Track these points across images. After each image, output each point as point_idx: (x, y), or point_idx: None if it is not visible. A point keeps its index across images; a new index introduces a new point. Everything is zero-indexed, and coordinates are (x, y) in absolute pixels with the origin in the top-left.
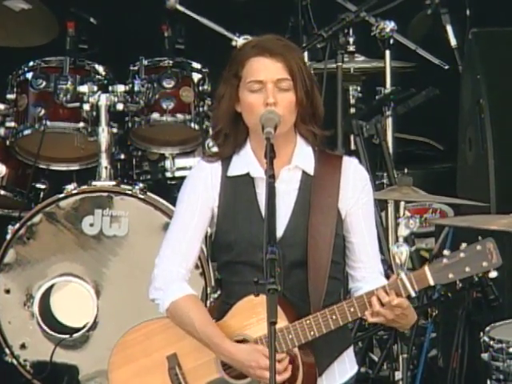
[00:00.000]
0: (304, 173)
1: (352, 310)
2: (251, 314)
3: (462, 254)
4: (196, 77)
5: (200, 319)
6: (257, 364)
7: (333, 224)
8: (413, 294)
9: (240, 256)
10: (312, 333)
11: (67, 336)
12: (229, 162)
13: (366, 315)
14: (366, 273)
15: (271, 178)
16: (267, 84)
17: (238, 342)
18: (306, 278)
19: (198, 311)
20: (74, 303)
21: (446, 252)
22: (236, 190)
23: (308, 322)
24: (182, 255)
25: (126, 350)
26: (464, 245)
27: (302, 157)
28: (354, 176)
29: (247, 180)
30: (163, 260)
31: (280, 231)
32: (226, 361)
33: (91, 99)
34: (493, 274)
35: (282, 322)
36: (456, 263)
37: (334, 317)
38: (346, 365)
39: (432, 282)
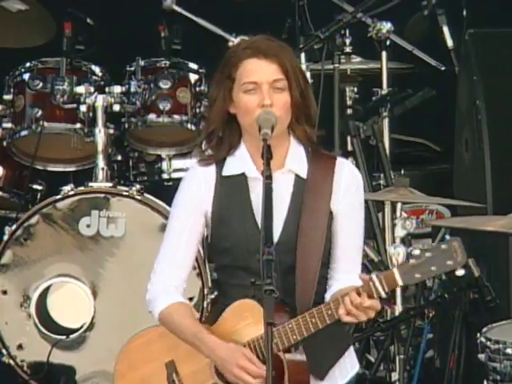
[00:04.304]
0: (297, 176)
1: (329, 312)
2: (239, 320)
3: (427, 254)
4: (193, 77)
5: (183, 321)
6: (236, 363)
7: (324, 227)
8: (383, 295)
9: (236, 261)
10: (294, 336)
11: (64, 337)
12: (223, 163)
13: (339, 315)
14: (342, 274)
15: (268, 178)
16: (262, 85)
17: None
18: (294, 282)
19: (181, 314)
20: (70, 304)
21: (414, 252)
22: (230, 191)
23: (290, 325)
24: (175, 268)
25: (129, 357)
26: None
27: (295, 160)
28: (346, 178)
29: (241, 181)
30: (155, 275)
31: (276, 237)
32: (209, 357)
33: (88, 100)
34: (460, 273)
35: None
36: (422, 263)
37: (313, 320)
38: (347, 365)
39: (400, 283)
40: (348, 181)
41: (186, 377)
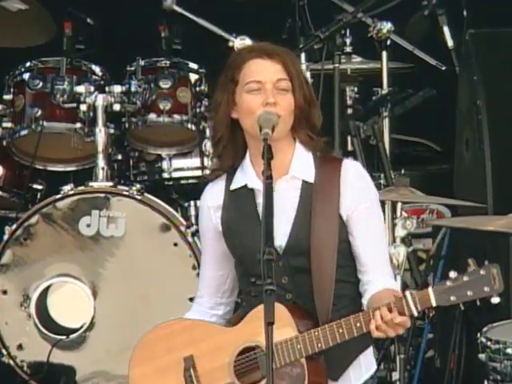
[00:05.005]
0: (304, 181)
1: (358, 325)
2: (261, 323)
3: (465, 278)
4: (193, 77)
5: None
6: None
7: (335, 230)
8: (415, 314)
9: (249, 270)
10: (319, 345)
11: (64, 337)
12: (233, 176)
13: (371, 329)
14: (373, 276)
15: (268, 178)
16: (266, 84)
17: (250, 348)
18: (311, 285)
19: None
20: (70, 304)
21: (451, 274)
22: (238, 203)
23: (316, 333)
24: (206, 289)
25: (148, 347)
26: (471, 267)
27: (300, 165)
28: (352, 180)
29: (247, 192)
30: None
31: (283, 241)
32: None
33: (88, 100)
34: (495, 300)
35: (292, 331)
36: (459, 286)
37: (340, 330)
38: (362, 367)
39: (434, 304)
40: (354, 180)
41: (203, 373)
